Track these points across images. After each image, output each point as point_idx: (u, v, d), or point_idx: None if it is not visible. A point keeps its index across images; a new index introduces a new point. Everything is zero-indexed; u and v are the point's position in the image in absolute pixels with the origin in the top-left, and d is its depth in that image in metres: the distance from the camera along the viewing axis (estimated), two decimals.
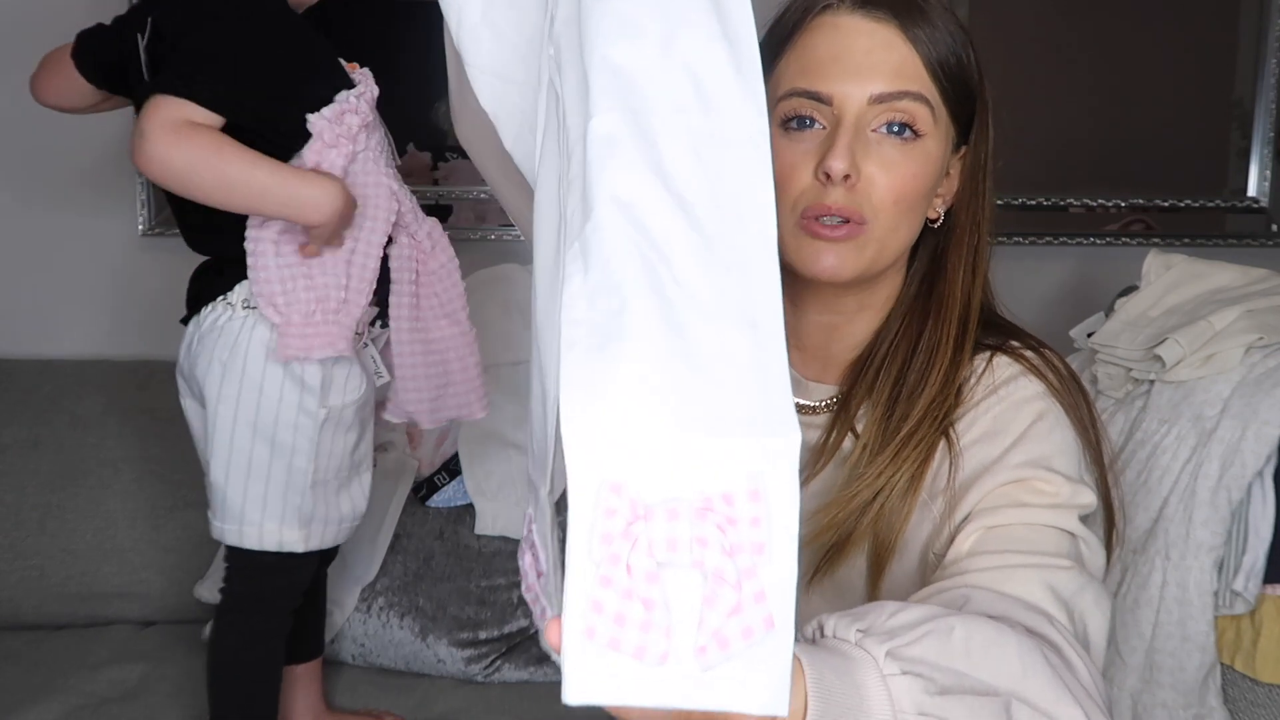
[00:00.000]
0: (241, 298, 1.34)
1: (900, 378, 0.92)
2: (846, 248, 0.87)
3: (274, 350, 1.32)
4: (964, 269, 0.94)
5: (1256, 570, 1.26)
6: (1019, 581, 0.78)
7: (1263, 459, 1.26)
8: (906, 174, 0.87)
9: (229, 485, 1.36)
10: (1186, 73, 2.08)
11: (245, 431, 1.34)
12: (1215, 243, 2.11)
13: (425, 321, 1.39)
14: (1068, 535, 0.84)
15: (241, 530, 1.37)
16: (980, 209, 0.94)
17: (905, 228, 0.90)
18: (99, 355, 2.03)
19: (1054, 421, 0.88)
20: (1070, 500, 0.85)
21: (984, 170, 0.94)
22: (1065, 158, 2.09)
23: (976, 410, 0.90)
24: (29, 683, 1.63)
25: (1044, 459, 0.86)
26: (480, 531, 1.73)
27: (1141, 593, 1.29)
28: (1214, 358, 1.32)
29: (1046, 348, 0.95)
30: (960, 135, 0.92)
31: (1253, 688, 1.27)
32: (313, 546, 1.40)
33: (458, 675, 1.69)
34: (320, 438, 1.36)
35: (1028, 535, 0.82)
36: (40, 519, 1.80)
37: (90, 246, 2.02)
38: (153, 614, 1.84)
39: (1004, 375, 0.91)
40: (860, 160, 0.86)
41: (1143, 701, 1.28)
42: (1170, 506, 1.30)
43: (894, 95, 0.86)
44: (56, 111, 1.49)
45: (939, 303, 0.93)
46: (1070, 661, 0.72)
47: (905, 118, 0.86)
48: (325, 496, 1.39)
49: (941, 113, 0.89)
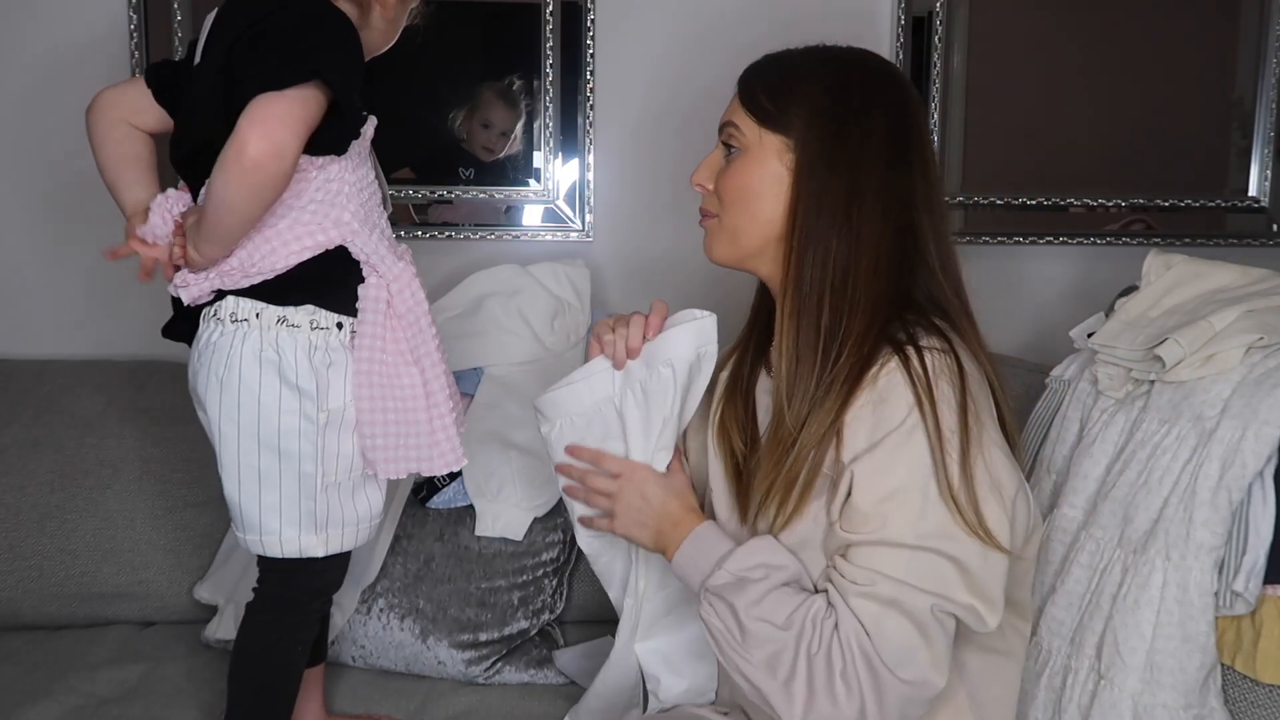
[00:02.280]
0: (229, 311, 1.32)
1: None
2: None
3: (266, 359, 1.31)
4: (818, 248, 1.21)
5: (1257, 571, 1.26)
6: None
7: (1263, 459, 1.26)
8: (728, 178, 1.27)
9: (243, 497, 1.36)
10: (1187, 72, 2.08)
11: (250, 444, 1.33)
12: (1216, 243, 2.11)
13: (391, 368, 1.34)
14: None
15: (262, 540, 1.37)
16: (834, 191, 1.20)
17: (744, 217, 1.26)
18: (99, 355, 2.03)
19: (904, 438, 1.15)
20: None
21: (825, 159, 1.21)
22: (1065, 158, 2.09)
23: (861, 406, 1.17)
24: (29, 683, 1.63)
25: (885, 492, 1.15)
26: (481, 533, 1.73)
27: (1142, 593, 1.29)
28: (1214, 358, 1.32)
29: (950, 340, 1.20)
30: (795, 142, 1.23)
31: (1253, 688, 1.27)
32: (333, 549, 1.39)
33: (458, 677, 1.69)
34: (324, 441, 1.35)
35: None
36: (40, 519, 1.80)
37: (90, 246, 2.02)
38: (153, 614, 1.84)
39: (886, 381, 1.16)
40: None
41: (1143, 702, 1.27)
42: (1170, 507, 1.29)
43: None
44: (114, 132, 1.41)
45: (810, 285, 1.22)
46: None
47: (724, 137, 1.28)
48: (339, 499, 1.38)
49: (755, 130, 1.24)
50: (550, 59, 2.01)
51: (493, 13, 2.05)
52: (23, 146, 2.02)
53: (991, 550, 1.15)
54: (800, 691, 1.13)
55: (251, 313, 1.32)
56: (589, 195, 2.06)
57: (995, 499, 1.16)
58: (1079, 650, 1.33)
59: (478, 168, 2.05)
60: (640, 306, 2.07)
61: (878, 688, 1.11)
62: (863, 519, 1.14)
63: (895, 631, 1.12)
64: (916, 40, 2.03)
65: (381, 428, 1.35)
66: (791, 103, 1.22)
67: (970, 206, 2.09)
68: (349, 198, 1.32)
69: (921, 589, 1.12)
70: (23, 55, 2.01)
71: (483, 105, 2.04)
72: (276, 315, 1.32)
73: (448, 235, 2.06)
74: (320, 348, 1.33)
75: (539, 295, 1.91)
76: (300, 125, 1.21)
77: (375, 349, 1.33)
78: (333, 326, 1.34)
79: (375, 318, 1.33)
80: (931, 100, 2.04)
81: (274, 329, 1.32)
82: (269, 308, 1.32)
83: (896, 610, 1.12)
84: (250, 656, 1.42)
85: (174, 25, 1.97)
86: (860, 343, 1.18)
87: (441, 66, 2.02)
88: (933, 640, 1.13)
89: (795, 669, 1.13)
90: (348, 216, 1.32)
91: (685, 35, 2.03)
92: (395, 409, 1.35)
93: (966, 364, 1.19)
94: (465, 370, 1.82)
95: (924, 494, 1.13)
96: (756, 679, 1.16)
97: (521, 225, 2.07)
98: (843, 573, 1.15)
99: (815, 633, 1.13)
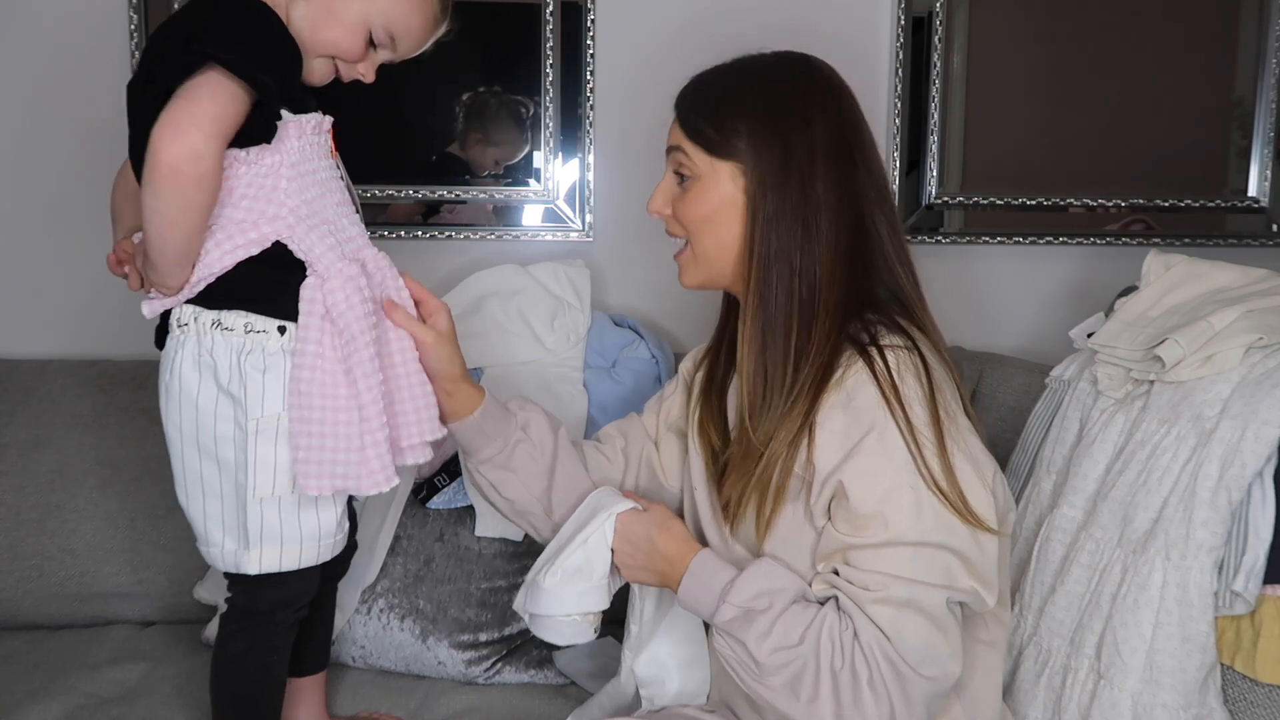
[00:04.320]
0: (175, 316, 1.28)
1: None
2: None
3: (203, 365, 1.27)
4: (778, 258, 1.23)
5: (1257, 571, 1.26)
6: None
7: (1263, 459, 1.26)
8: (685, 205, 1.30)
9: (190, 506, 1.33)
10: (1187, 72, 2.08)
11: (192, 450, 1.30)
12: (1215, 243, 2.11)
13: (325, 374, 1.25)
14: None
15: (209, 550, 1.34)
16: (789, 209, 1.22)
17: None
18: (99, 355, 2.03)
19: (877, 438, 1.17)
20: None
21: (774, 180, 1.23)
22: (1065, 158, 2.09)
23: (830, 408, 1.19)
24: (29, 683, 1.63)
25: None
26: (480, 534, 1.73)
27: (1141, 593, 1.29)
28: (1214, 358, 1.32)
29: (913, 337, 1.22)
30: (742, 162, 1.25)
31: (1253, 688, 1.27)
32: (268, 568, 1.31)
33: (458, 677, 1.69)
34: (257, 450, 1.28)
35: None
36: (40, 519, 1.80)
37: (90, 246, 2.02)
38: (153, 614, 1.84)
39: (854, 382, 1.18)
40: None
41: (1143, 702, 1.28)
42: (1170, 507, 1.29)
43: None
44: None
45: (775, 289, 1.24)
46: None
47: (674, 164, 1.30)
48: (279, 514, 1.30)
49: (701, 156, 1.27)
50: (550, 59, 2.01)
51: (492, 13, 2.05)
52: (22, 146, 2.02)
53: (981, 533, 1.17)
54: (827, 708, 1.13)
55: (191, 317, 1.27)
56: (589, 195, 2.06)
57: (977, 482, 1.17)
58: (1079, 650, 1.34)
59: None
60: (640, 306, 2.08)
61: (904, 689, 1.12)
62: (864, 521, 1.15)
63: (914, 631, 1.13)
64: (916, 40, 2.03)
65: (306, 439, 1.26)
66: (733, 128, 1.24)
67: (970, 206, 2.09)
68: (287, 193, 1.24)
69: (932, 583, 1.14)
70: (22, 55, 2.01)
71: (488, 120, 2.04)
72: (211, 319, 1.26)
73: (448, 235, 2.06)
74: (254, 351, 1.26)
75: (539, 295, 1.91)
76: (210, 122, 1.15)
77: (309, 354, 1.25)
78: (271, 330, 1.26)
79: (311, 320, 1.25)
80: (931, 100, 2.04)
81: (209, 333, 1.26)
82: (204, 311, 1.26)
83: (912, 610, 1.13)
84: (225, 666, 1.39)
85: None
86: (822, 349, 1.20)
87: (442, 66, 2.02)
88: (949, 632, 1.15)
89: (819, 688, 1.14)
90: (285, 212, 1.24)
91: (685, 35, 2.03)
92: (322, 419, 1.25)
93: (929, 358, 1.21)
94: None
95: (914, 489, 1.15)
96: (780, 704, 1.16)
97: (521, 225, 2.07)
98: (851, 580, 1.15)
99: (835, 647, 1.14)
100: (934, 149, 2.05)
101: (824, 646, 1.14)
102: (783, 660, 1.15)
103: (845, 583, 1.16)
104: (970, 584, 1.15)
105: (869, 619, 1.13)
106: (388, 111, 1.97)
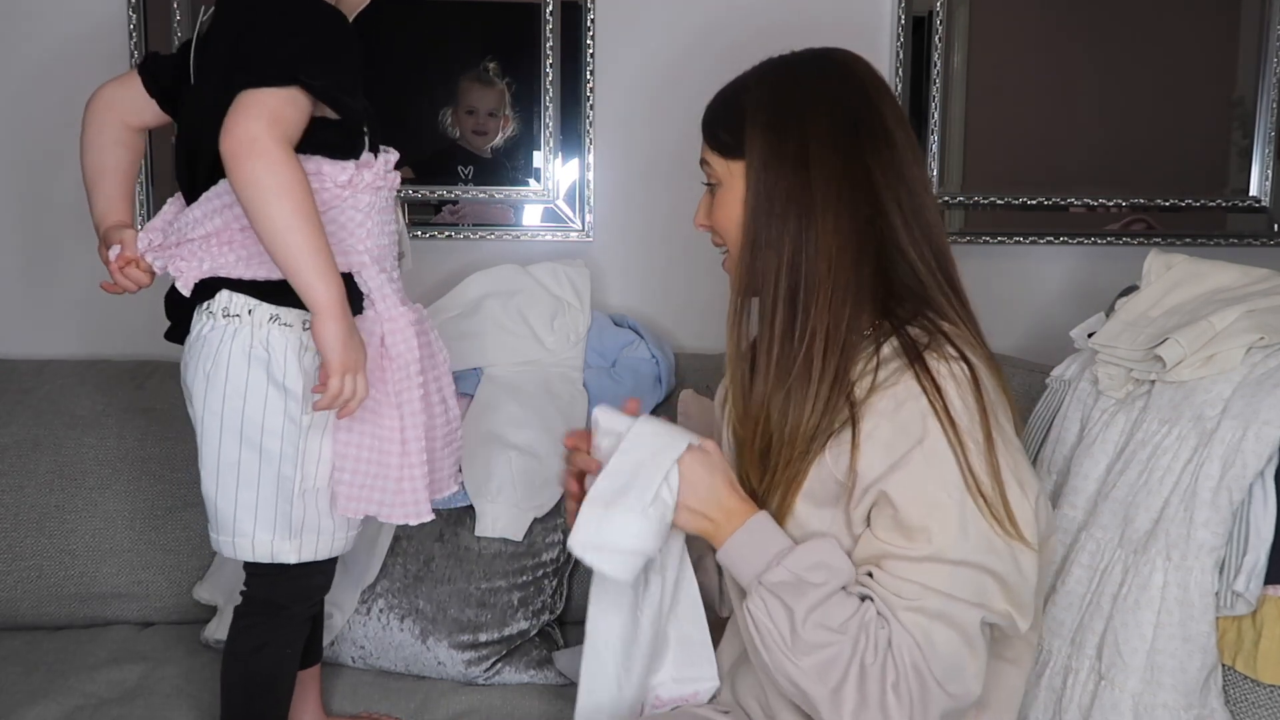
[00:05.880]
0: (223, 306, 1.31)
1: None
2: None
3: (254, 356, 1.30)
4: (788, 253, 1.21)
5: (1258, 571, 1.26)
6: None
7: (1264, 459, 1.26)
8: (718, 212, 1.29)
9: (219, 495, 1.34)
10: (1187, 72, 2.08)
11: (232, 440, 1.32)
12: (1216, 242, 2.11)
13: (375, 404, 1.31)
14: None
15: (235, 542, 1.35)
16: (778, 194, 1.21)
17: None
18: (99, 355, 2.03)
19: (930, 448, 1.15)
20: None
21: (767, 165, 1.22)
22: (1065, 158, 2.09)
23: (878, 416, 1.17)
24: (29, 683, 1.63)
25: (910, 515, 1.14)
26: (480, 534, 1.73)
27: (1142, 594, 1.29)
28: (1215, 358, 1.32)
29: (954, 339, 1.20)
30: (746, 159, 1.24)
31: (1254, 689, 1.27)
32: (306, 557, 1.36)
33: (458, 678, 1.69)
34: (306, 444, 1.33)
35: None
36: (39, 519, 1.80)
37: (90, 246, 2.02)
38: (152, 614, 1.84)
39: (903, 390, 1.16)
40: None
41: (1144, 702, 1.27)
42: (1171, 507, 1.29)
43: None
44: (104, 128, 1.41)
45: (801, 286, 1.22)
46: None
47: (705, 177, 1.30)
48: (317, 505, 1.35)
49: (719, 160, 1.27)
50: (550, 59, 2.01)
51: (492, 13, 2.05)
52: (22, 145, 2.02)
53: (1021, 553, 1.15)
54: (850, 699, 1.12)
55: (244, 309, 1.30)
56: (589, 195, 2.06)
57: (1022, 498, 1.16)
58: (1079, 650, 1.33)
59: (477, 166, 2.05)
60: (640, 306, 2.08)
61: (925, 701, 1.12)
62: (907, 533, 1.13)
63: (945, 644, 1.12)
64: (916, 40, 2.03)
65: (352, 462, 1.33)
66: (740, 126, 1.24)
67: (970, 206, 2.09)
68: (368, 235, 1.32)
69: (968, 601, 1.13)
70: (22, 54, 2.01)
71: (461, 94, 2.03)
72: (269, 313, 1.31)
73: (448, 235, 2.06)
74: (311, 349, 1.30)
75: (539, 295, 1.91)
76: (268, 116, 1.18)
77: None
78: None
79: (368, 349, 1.30)
80: (931, 100, 2.04)
81: (265, 326, 1.31)
82: (262, 305, 1.30)
83: (944, 623, 1.12)
84: (239, 660, 1.41)
85: (173, 24, 1.97)
86: (829, 341, 1.18)
87: (441, 67, 2.02)
88: (977, 651, 1.14)
89: (847, 676, 1.12)
90: (361, 248, 1.31)
91: (685, 35, 2.03)
92: (370, 446, 1.33)
93: (981, 371, 1.18)
94: (465, 370, 1.82)
95: (961, 506, 1.13)
96: (804, 683, 1.14)
97: (521, 225, 2.07)
98: (885, 585, 1.14)
99: (870, 643, 1.12)
100: (934, 149, 2.05)
101: (861, 640, 1.12)
102: (822, 640, 1.13)
103: (879, 586, 1.14)
104: (1005, 608, 1.14)
105: (902, 625, 1.12)
106: (388, 111, 1.97)
